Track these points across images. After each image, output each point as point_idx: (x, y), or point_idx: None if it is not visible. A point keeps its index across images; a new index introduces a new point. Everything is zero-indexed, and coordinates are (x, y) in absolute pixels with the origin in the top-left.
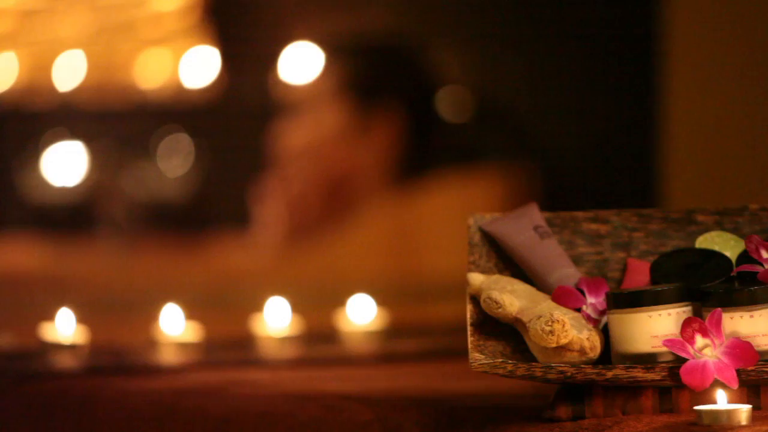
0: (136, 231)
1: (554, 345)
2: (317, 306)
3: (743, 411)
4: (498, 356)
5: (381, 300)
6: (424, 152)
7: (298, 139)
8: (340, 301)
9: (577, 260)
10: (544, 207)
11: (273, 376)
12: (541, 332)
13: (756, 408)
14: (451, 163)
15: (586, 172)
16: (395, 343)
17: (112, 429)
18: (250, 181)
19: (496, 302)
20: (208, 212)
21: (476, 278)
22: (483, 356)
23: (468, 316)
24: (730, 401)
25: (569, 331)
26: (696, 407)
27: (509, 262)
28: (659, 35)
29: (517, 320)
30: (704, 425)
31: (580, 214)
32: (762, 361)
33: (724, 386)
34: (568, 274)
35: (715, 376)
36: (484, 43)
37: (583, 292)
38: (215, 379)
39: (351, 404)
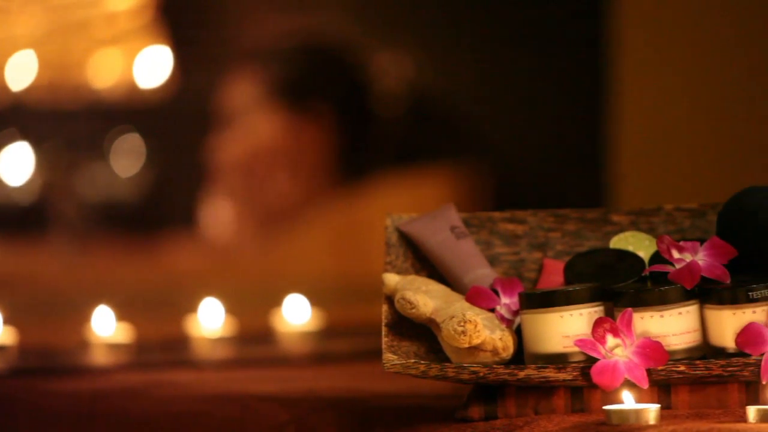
0: (87, 231)
1: (466, 345)
2: (254, 306)
3: (651, 410)
4: (411, 357)
5: (317, 301)
6: (366, 153)
7: (231, 150)
8: (276, 302)
9: (493, 260)
10: (493, 207)
11: (196, 377)
12: (453, 332)
13: (666, 407)
14: (398, 165)
15: (536, 172)
16: (328, 343)
17: (30, 431)
18: (200, 183)
19: (410, 303)
20: (158, 213)
21: (391, 279)
22: (396, 357)
23: (383, 316)
24: (642, 401)
25: (482, 331)
26: (605, 407)
27: (426, 263)
28: (608, 35)
29: (431, 321)
30: (613, 425)
31: (497, 214)
32: (672, 360)
33: (634, 386)
34: (483, 274)
35: (626, 376)
36: (433, 44)
37: (497, 293)
38: (138, 381)
39: (269, 405)
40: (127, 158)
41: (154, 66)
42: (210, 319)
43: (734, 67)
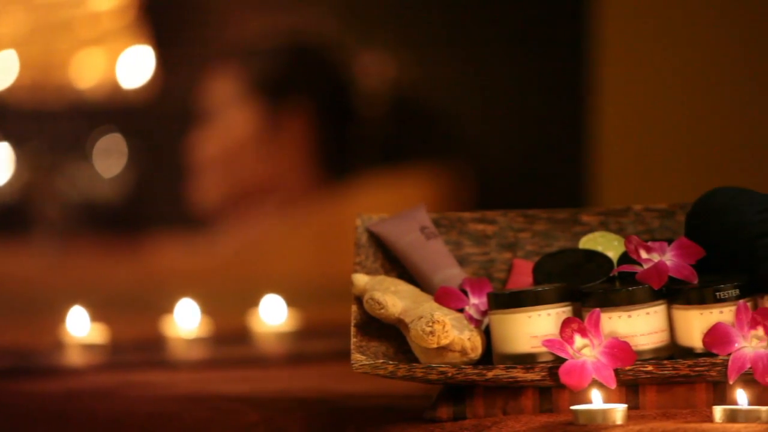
0: (68, 231)
1: (435, 346)
2: (231, 307)
3: (618, 410)
4: (380, 357)
5: (294, 301)
6: (348, 152)
7: (211, 149)
8: (253, 302)
9: (463, 261)
10: (475, 206)
11: (169, 378)
12: (421, 333)
13: (634, 407)
14: (380, 164)
15: (518, 171)
16: (304, 344)
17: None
18: (181, 183)
19: (379, 303)
20: (140, 213)
21: (360, 279)
22: (364, 357)
23: (352, 317)
24: (610, 401)
25: (450, 331)
26: (572, 407)
27: (396, 263)
28: (589, 36)
29: (400, 321)
30: (580, 425)
31: (467, 214)
32: (640, 360)
33: (602, 386)
34: (452, 274)
35: (594, 376)
36: (416, 43)
37: (466, 293)
38: (110, 381)
39: (240, 406)
40: (109, 158)
41: (136, 66)
42: (186, 320)
43: (714, 67)
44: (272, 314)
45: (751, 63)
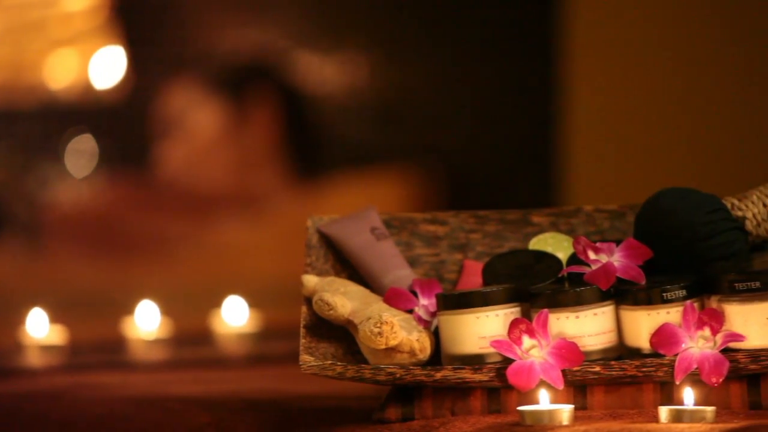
0: (38, 232)
1: (383, 347)
2: (194, 308)
3: (565, 411)
4: (329, 358)
5: (257, 302)
6: (319, 154)
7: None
8: (216, 303)
9: (414, 262)
10: (447, 207)
11: (124, 380)
12: (369, 334)
13: (582, 408)
14: (350, 166)
15: (488, 171)
16: (264, 345)
17: None
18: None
19: (328, 304)
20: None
21: (310, 280)
22: (313, 358)
23: (301, 318)
24: (559, 401)
25: (398, 332)
26: (519, 408)
27: (347, 265)
28: (559, 35)
29: (349, 322)
30: (526, 425)
31: (418, 215)
32: (587, 361)
33: (550, 387)
34: (402, 275)
35: (541, 377)
36: (387, 46)
37: (416, 294)
38: (64, 383)
39: (192, 407)
40: (81, 159)
41: (109, 66)
42: (146, 321)
43: (681, 69)
44: (234, 315)
45: (718, 65)
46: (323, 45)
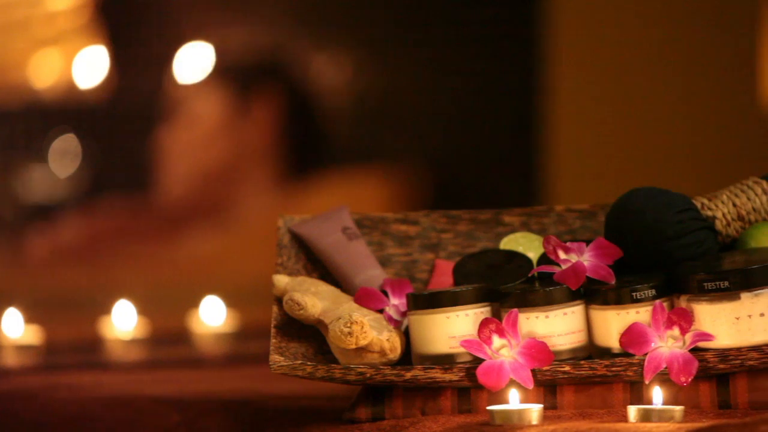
0: (21, 231)
1: (353, 346)
2: (172, 307)
3: (534, 411)
4: (300, 358)
5: (235, 302)
6: (304, 153)
7: (179, 138)
8: (194, 303)
9: (386, 261)
10: (431, 206)
11: (98, 380)
12: (339, 333)
13: (552, 408)
14: (335, 165)
15: (472, 171)
16: (241, 345)
17: None
18: (135, 184)
19: (298, 304)
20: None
21: (281, 280)
22: (283, 358)
23: (272, 318)
24: (529, 401)
25: (368, 332)
26: (488, 407)
27: (318, 264)
28: (541, 38)
29: (320, 322)
30: (496, 425)
31: (390, 215)
32: (557, 361)
33: (520, 386)
34: (374, 275)
35: (511, 377)
36: (368, 46)
37: (386, 294)
38: (38, 383)
39: (163, 407)
40: (64, 158)
41: (92, 66)
42: (123, 321)
43: (661, 71)
44: (212, 315)
45: (695, 69)
46: (305, 46)
